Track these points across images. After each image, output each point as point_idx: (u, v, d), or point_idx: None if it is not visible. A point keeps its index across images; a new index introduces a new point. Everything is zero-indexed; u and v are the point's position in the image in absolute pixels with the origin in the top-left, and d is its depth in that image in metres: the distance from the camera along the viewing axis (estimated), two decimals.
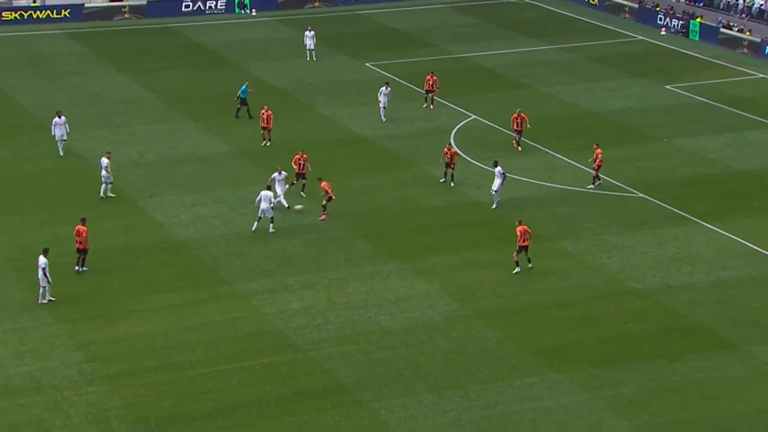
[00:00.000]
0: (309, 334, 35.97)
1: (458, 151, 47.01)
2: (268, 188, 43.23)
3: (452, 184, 47.50)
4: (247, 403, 32.28)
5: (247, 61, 67.22)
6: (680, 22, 74.84)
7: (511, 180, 48.59)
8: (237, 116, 56.14)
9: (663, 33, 75.03)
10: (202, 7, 79.03)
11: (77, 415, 31.58)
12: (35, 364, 34.07)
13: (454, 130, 55.27)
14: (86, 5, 77.04)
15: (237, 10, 79.68)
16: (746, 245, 42.57)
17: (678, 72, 65.90)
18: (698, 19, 74.14)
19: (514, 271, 40.10)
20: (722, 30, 72.22)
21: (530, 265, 40.29)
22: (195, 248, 42.04)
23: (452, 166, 47.71)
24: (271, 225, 43.18)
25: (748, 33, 70.88)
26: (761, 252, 41.99)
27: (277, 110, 56.61)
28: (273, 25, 76.51)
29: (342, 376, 33.63)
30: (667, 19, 75.73)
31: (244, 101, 56.32)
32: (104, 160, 46.35)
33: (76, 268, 39.72)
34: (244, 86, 56.58)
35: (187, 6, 78.80)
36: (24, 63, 67.04)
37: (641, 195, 47.44)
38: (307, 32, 67.68)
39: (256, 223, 43.20)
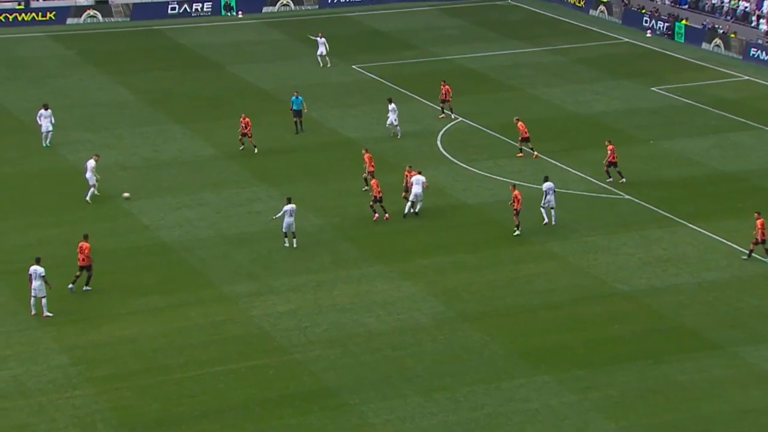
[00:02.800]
0: (296, 336, 35.92)
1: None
2: (289, 201, 42.27)
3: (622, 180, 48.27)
4: (233, 406, 32.21)
5: (233, 64, 67.16)
6: (666, 24, 75.06)
7: (497, 182, 48.71)
8: (301, 130, 54.43)
9: (648, 35, 75.22)
10: (188, 9, 78.94)
11: (63, 419, 31.46)
12: (20, 368, 33.95)
13: (441, 132, 55.30)
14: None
15: (223, 13, 79.61)
16: (731, 246, 42.67)
17: (663, 74, 66.04)
18: (684, 22, 74.35)
19: (515, 233, 43.08)
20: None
21: (517, 232, 43.03)
22: (181, 251, 41.96)
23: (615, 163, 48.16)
24: (294, 240, 42.17)
25: (733, 35, 71.11)
26: (745, 253, 42.08)
27: (263, 113, 56.71)
28: (259, 27, 76.43)
29: (329, 378, 33.60)
30: (653, 21, 75.93)
31: (297, 113, 54.63)
32: (91, 162, 46.30)
33: (71, 286, 38.46)
34: (293, 97, 54.78)
35: (173, 8, 78.71)
36: (8, 66, 66.83)
37: (627, 196, 47.52)
38: (318, 39, 67.10)
39: (286, 239, 42.15)
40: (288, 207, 41.87)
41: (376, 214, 44.68)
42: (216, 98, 60.22)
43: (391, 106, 53.77)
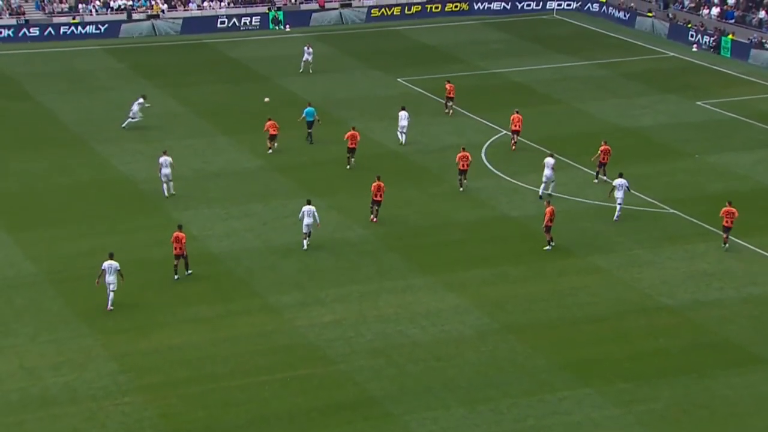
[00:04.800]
0: (340, 347, 36.22)
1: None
2: (308, 203, 43.33)
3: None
4: (278, 415, 32.58)
5: (281, 77, 67.72)
6: (712, 38, 74.78)
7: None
8: (310, 142, 55.36)
9: (694, 50, 74.99)
10: (237, 24, 79.77)
11: (113, 425, 31.97)
12: (72, 374, 34.53)
13: (485, 145, 55.48)
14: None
15: (271, 26, 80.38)
16: None
17: (709, 88, 65.83)
18: (730, 36, 74.05)
19: (545, 248, 42.94)
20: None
21: (547, 246, 42.98)
22: (228, 261, 42.43)
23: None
24: (305, 241, 43.22)
25: None
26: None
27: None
28: (307, 41, 76.93)
29: (373, 388, 33.87)
30: (699, 36, 75.69)
31: (310, 124, 55.21)
32: (167, 159, 48.10)
33: (176, 276, 40.39)
34: (310, 108, 55.40)
35: (222, 22, 79.58)
36: (63, 78, 67.77)
37: (672, 210, 47.45)
38: (306, 48, 68.26)
39: (305, 241, 43.22)
40: (305, 208, 42.69)
41: (373, 216, 45.63)
42: (264, 111, 60.71)
43: (403, 113, 54.95)
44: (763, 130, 58.13)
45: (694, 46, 75.40)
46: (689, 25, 77.32)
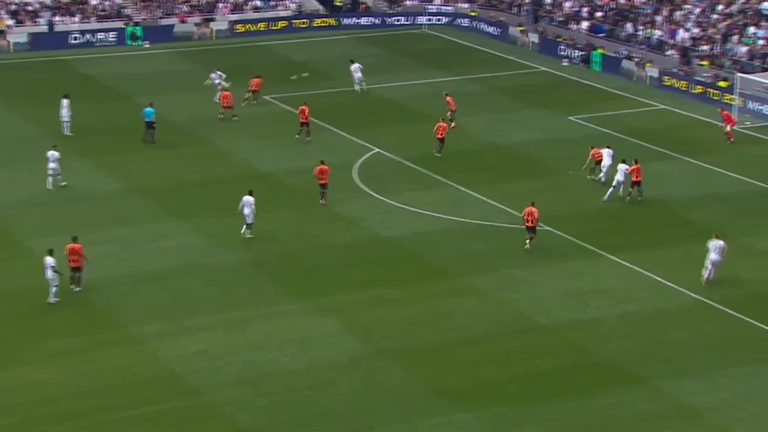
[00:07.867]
0: (208, 377, 34.66)
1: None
2: (250, 193, 44.32)
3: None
4: None
5: (141, 95, 65.19)
6: (582, 53, 75.24)
7: (416, 214, 47.96)
8: (152, 141, 55.52)
9: (565, 64, 75.35)
10: (91, 39, 76.97)
11: None
12: None
13: (357, 164, 54.43)
14: None
15: (128, 42, 77.85)
16: (653, 278, 42.32)
17: (580, 103, 65.99)
18: (600, 50, 74.60)
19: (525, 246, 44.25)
20: (624, 64, 72.88)
21: (527, 246, 44.00)
22: (87, 290, 40.38)
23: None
24: (249, 231, 44.51)
25: (648, 64, 71.50)
26: (667, 285, 41.76)
27: (174, 146, 55.45)
28: (168, 57, 74.93)
29: (243, 421, 32.44)
30: (569, 50, 76.09)
31: (149, 125, 55.23)
32: (54, 153, 49.08)
33: (72, 287, 39.83)
34: (146, 109, 55.73)
35: (75, 38, 76.66)
36: None
37: (547, 228, 46.96)
38: (216, 73, 65.96)
39: (244, 226, 44.43)
40: (245, 199, 44.35)
41: (321, 200, 48.21)
42: (124, 130, 58.57)
43: (355, 65, 62.81)
44: (634, 145, 58.32)
45: (564, 60, 75.76)
46: (559, 39, 77.68)
